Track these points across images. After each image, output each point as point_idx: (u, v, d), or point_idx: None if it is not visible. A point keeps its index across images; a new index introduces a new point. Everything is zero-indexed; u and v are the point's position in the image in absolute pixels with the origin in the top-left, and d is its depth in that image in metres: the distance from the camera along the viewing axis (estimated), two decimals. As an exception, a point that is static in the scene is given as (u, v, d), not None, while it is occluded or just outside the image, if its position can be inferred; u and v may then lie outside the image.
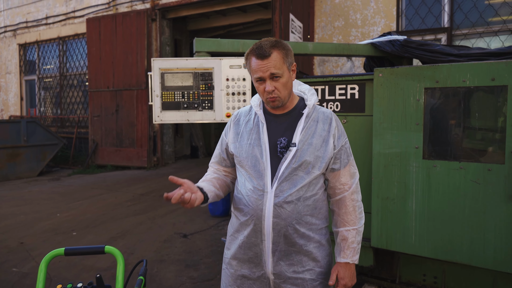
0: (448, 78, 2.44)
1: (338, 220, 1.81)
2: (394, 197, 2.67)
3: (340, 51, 3.59)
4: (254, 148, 1.74)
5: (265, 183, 1.69)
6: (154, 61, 3.27)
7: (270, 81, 1.66)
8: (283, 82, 1.67)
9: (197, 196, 1.66)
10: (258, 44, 1.68)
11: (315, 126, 1.74)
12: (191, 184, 1.68)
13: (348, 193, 1.78)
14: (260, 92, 1.72)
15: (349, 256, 1.76)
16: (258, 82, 1.70)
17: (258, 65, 1.65)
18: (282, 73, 1.67)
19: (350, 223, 1.78)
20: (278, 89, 1.67)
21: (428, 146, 2.55)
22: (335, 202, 1.82)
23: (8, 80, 13.47)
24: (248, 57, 1.72)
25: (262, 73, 1.65)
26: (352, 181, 1.79)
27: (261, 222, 1.69)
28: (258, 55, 1.65)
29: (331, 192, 1.82)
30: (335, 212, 1.82)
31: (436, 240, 2.54)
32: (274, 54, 1.65)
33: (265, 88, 1.67)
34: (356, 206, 1.79)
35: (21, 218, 5.85)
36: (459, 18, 6.43)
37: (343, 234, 1.78)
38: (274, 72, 1.64)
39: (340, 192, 1.79)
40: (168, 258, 4.24)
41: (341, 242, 1.79)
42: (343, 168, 1.77)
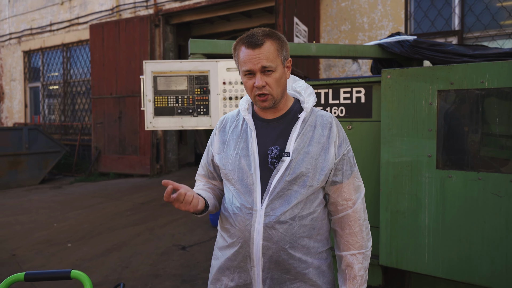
0: (464, 79, 2.20)
1: (341, 243, 1.55)
2: (404, 210, 2.43)
3: (345, 52, 3.37)
4: (241, 158, 1.49)
5: (254, 200, 1.45)
6: (146, 64, 3.07)
7: (261, 75, 1.42)
8: (276, 77, 1.43)
9: (199, 199, 1.44)
10: (249, 32, 1.44)
11: (312, 132, 1.50)
12: (189, 189, 1.43)
13: (353, 210, 1.52)
14: (248, 88, 1.46)
15: (359, 286, 1.50)
16: (246, 76, 1.45)
17: (248, 55, 1.41)
18: (276, 67, 1.42)
19: (356, 246, 1.51)
20: (269, 85, 1.42)
21: (442, 155, 2.30)
22: (337, 220, 1.56)
23: (12, 87, 13.40)
24: (237, 47, 1.47)
25: (252, 65, 1.41)
26: (357, 196, 1.54)
27: (250, 246, 1.45)
28: (248, 43, 1.41)
29: (333, 209, 1.56)
30: (338, 233, 1.56)
31: (452, 259, 2.28)
32: (267, 44, 1.41)
33: (254, 84, 1.42)
34: (362, 226, 1.53)
35: (16, 228, 5.66)
36: (470, 21, 6.19)
37: (348, 259, 1.52)
38: (266, 65, 1.40)
39: (343, 209, 1.53)
40: (164, 272, 4.01)
41: (346, 269, 1.53)
42: (346, 180, 1.52)
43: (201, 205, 1.45)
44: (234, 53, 1.50)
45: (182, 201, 1.36)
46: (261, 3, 8.36)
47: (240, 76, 1.50)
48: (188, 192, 1.39)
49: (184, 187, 1.41)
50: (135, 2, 10.09)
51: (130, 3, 10.20)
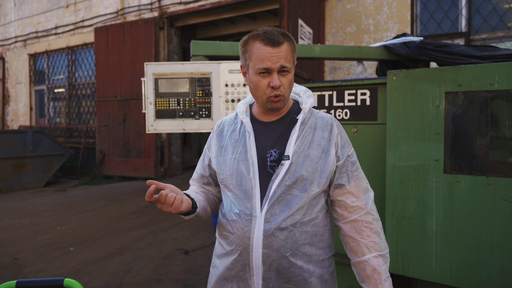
0: (473, 81, 2.13)
1: (360, 247, 1.46)
2: (411, 216, 2.36)
3: (350, 54, 3.30)
4: (239, 163, 1.44)
5: (253, 206, 1.39)
6: (147, 66, 3.02)
7: (278, 75, 1.37)
8: (289, 79, 1.40)
9: (183, 199, 1.37)
10: (263, 29, 1.38)
11: (312, 134, 1.44)
12: (175, 189, 1.39)
13: (366, 212, 1.45)
14: (261, 88, 1.39)
15: None
16: (261, 75, 1.38)
17: (267, 53, 1.35)
18: (291, 68, 1.39)
19: (376, 247, 1.44)
20: (284, 86, 1.38)
21: (450, 159, 2.23)
22: (349, 225, 1.47)
23: (18, 90, 13.45)
24: (249, 42, 1.41)
25: (271, 64, 1.35)
26: (367, 197, 1.47)
27: (249, 254, 1.38)
28: (268, 40, 1.35)
29: (341, 213, 1.48)
30: (354, 238, 1.47)
31: (460, 267, 2.21)
32: (286, 44, 1.37)
33: (269, 83, 1.36)
34: (378, 227, 1.47)
35: (19, 232, 5.63)
36: (478, 22, 6.10)
37: (372, 263, 1.43)
38: (285, 65, 1.36)
39: (354, 212, 1.46)
40: (167, 277, 3.96)
41: (373, 273, 1.43)
42: (352, 182, 1.46)
43: (185, 207, 1.39)
44: (245, 49, 1.43)
45: (163, 202, 1.32)
46: (266, 5, 8.32)
47: (250, 75, 1.43)
48: (170, 193, 1.34)
49: (169, 187, 1.37)
50: (140, 5, 10.09)
51: (135, 6, 10.20)
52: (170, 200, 1.32)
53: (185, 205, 1.39)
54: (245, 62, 1.44)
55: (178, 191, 1.40)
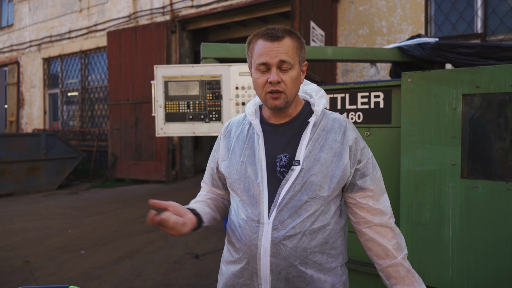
0: (492, 83, 2.06)
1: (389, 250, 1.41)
2: (426, 222, 2.28)
3: (362, 56, 3.24)
4: (247, 167, 1.38)
5: (261, 212, 1.33)
6: (157, 69, 3.00)
7: (277, 70, 1.30)
8: (292, 76, 1.31)
9: (186, 221, 1.31)
10: (269, 26, 1.33)
11: (325, 137, 1.37)
12: (178, 207, 1.34)
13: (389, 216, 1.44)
14: (259, 85, 1.34)
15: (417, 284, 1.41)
16: (260, 71, 1.33)
17: (265, 47, 1.29)
18: (294, 64, 1.31)
19: (401, 249, 1.42)
20: (285, 83, 1.31)
21: (467, 163, 2.15)
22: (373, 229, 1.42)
23: (32, 94, 13.61)
24: (252, 40, 1.36)
25: (269, 58, 1.29)
26: (385, 200, 1.45)
27: (256, 262, 1.33)
28: (267, 35, 1.30)
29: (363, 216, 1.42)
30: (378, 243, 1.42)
31: (479, 276, 2.13)
32: (288, 39, 1.30)
33: (267, 80, 1.30)
34: (398, 229, 1.47)
35: (31, 234, 5.65)
36: (494, 23, 5.98)
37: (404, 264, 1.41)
38: (285, 59, 1.29)
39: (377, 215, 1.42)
40: (176, 282, 3.92)
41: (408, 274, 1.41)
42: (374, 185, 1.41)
43: (189, 228, 1.34)
44: (248, 48, 1.39)
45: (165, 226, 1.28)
46: (277, 8, 8.28)
47: (251, 73, 1.39)
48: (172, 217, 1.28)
49: (172, 207, 1.32)
50: (152, 9, 10.13)
51: (147, 9, 10.24)
52: (170, 224, 1.28)
53: (188, 226, 1.34)
54: (249, 60, 1.39)
55: (181, 210, 1.34)
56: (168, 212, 1.30)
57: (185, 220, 1.32)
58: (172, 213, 1.31)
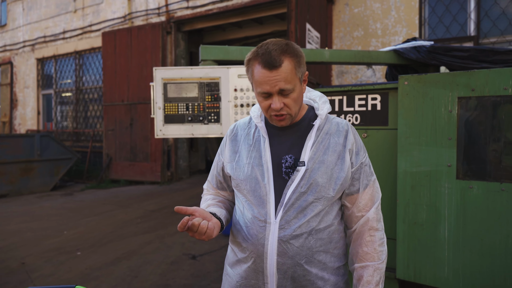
0: (486, 86, 2.11)
1: (353, 254, 1.47)
2: (423, 222, 2.33)
3: (359, 58, 3.28)
4: (254, 168, 1.42)
5: (268, 212, 1.37)
6: (156, 71, 3.02)
7: (279, 96, 1.33)
8: (294, 97, 1.35)
9: (214, 225, 1.34)
10: (264, 48, 1.33)
11: (328, 140, 1.42)
12: (203, 212, 1.35)
13: (364, 219, 1.43)
14: (263, 108, 1.38)
15: None
16: (262, 96, 1.36)
17: (265, 77, 1.31)
18: (293, 87, 1.33)
19: (366, 257, 1.42)
20: (288, 106, 1.35)
21: (462, 164, 2.20)
22: (351, 233, 1.48)
23: (26, 95, 13.54)
24: (250, 63, 1.37)
25: (270, 88, 1.32)
26: (371, 205, 1.44)
27: (263, 261, 1.37)
28: (265, 63, 1.30)
29: (349, 220, 1.47)
30: (351, 245, 1.48)
31: (474, 274, 2.18)
32: (285, 64, 1.30)
33: (270, 105, 1.34)
34: (374, 237, 1.43)
35: (27, 236, 5.64)
36: (487, 26, 6.06)
37: (358, 272, 1.43)
38: (285, 87, 1.31)
39: (357, 221, 1.45)
40: (174, 282, 3.94)
41: (357, 283, 1.44)
42: (362, 190, 1.43)
43: (217, 232, 1.36)
44: (247, 68, 1.40)
45: (195, 231, 1.28)
46: (273, 9, 8.32)
47: (254, 93, 1.41)
48: (202, 222, 1.29)
49: (198, 212, 1.33)
50: (147, 10, 10.13)
51: (142, 10, 10.24)
52: (202, 230, 1.28)
53: (217, 230, 1.36)
54: (250, 80, 1.41)
55: (206, 215, 1.35)
56: (196, 217, 1.30)
57: (213, 224, 1.34)
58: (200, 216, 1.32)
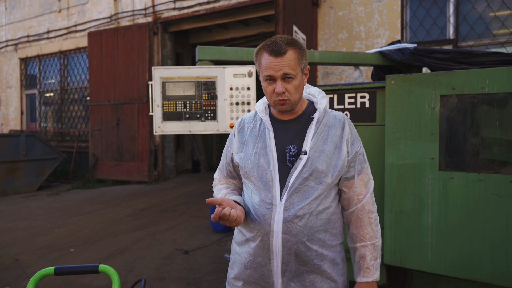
0: (466, 85, 2.31)
1: (353, 235, 1.66)
2: (408, 211, 2.52)
3: (347, 59, 3.47)
4: (260, 157, 1.59)
5: (274, 195, 1.54)
6: (155, 70, 3.15)
7: (282, 81, 1.51)
8: (295, 84, 1.52)
9: (241, 212, 1.52)
10: (272, 39, 1.53)
11: (327, 131, 1.59)
12: (230, 201, 1.52)
13: (362, 204, 1.62)
14: (268, 93, 1.56)
15: (370, 275, 1.60)
16: (267, 82, 1.54)
17: (270, 62, 1.50)
18: (296, 74, 1.51)
19: (366, 237, 1.62)
20: (289, 92, 1.52)
21: (444, 157, 2.40)
22: (349, 215, 1.66)
23: (8, 94, 13.41)
24: (259, 52, 1.56)
25: (274, 72, 1.50)
26: (367, 191, 1.64)
27: (269, 239, 1.54)
28: (271, 51, 1.49)
29: (346, 203, 1.66)
30: (350, 226, 1.67)
31: (454, 257, 2.38)
32: (290, 53, 1.50)
33: (274, 89, 1.52)
34: (372, 218, 1.63)
35: (17, 234, 5.67)
36: (465, 30, 6.34)
37: (361, 251, 1.63)
38: (288, 72, 1.49)
39: (354, 204, 1.63)
40: (169, 275, 4.06)
41: (360, 260, 1.63)
42: (357, 176, 1.62)
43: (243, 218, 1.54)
44: (256, 58, 1.58)
45: (226, 219, 1.46)
46: (259, 11, 8.49)
47: (261, 80, 1.58)
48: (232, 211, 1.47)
49: (225, 202, 1.49)
50: (134, 10, 10.18)
51: (128, 11, 10.29)
52: (233, 218, 1.47)
53: (244, 217, 1.55)
54: (258, 69, 1.59)
55: (233, 204, 1.52)
56: (226, 207, 1.47)
57: (240, 212, 1.52)
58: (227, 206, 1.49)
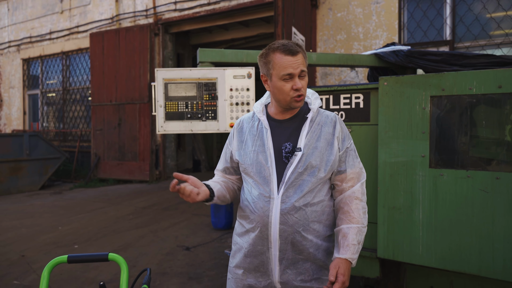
0: (454, 86, 2.43)
1: (340, 219, 1.73)
2: (400, 206, 2.64)
3: (344, 61, 3.59)
4: (258, 154, 1.72)
5: (271, 189, 1.67)
6: (157, 71, 3.27)
7: (299, 79, 1.65)
8: (307, 81, 1.68)
9: (200, 191, 1.64)
10: (280, 42, 1.66)
11: (320, 129, 1.72)
12: (196, 181, 1.67)
13: (352, 190, 1.73)
14: (285, 91, 1.66)
15: (349, 253, 1.64)
16: (284, 80, 1.65)
17: (288, 61, 1.62)
18: (306, 72, 1.68)
19: (353, 221, 1.70)
20: (304, 88, 1.66)
21: (434, 155, 2.52)
22: (339, 201, 1.76)
23: (11, 95, 13.54)
24: (269, 54, 1.67)
25: (293, 69, 1.63)
26: (357, 181, 1.75)
27: (268, 229, 1.66)
28: (287, 51, 1.63)
29: (338, 194, 1.77)
30: (339, 212, 1.75)
31: (444, 250, 2.49)
32: (300, 54, 1.65)
33: (292, 86, 1.64)
34: (359, 205, 1.73)
35: (22, 231, 5.80)
36: (461, 31, 6.46)
37: (344, 231, 1.69)
38: (304, 69, 1.64)
39: (345, 191, 1.75)
40: (171, 270, 4.19)
41: (342, 239, 1.68)
42: (349, 170, 1.74)
43: (202, 197, 1.66)
44: (266, 60, 1.69)
45: (183, 193, 1.60)
46: (259, 13, 8.61)
47: (273, 81, 1.68)
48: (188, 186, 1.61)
49: (190, 180, 1.65)
50: (135, 12, 10.31)
51: (130, 12, 10.41)
52: (186, 192, 1.60)
53: (202, 196, 1.66)
54: (268, 71, 1.70)
55: (197, 183, 1.67)
56: (187, 183, 1.63)
57: (200, 191, 1.65)
58: (190, 184, 1.64)
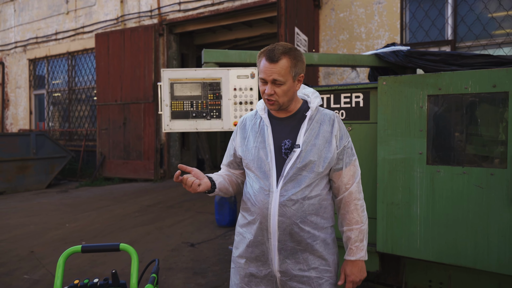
0: (451, 85, 2.51)
1: (341, 220, 1.89)
2: (399, 202, 2.72)
3: (345, 61, 3.68)
4: (259, 150, 1.82)
5: (271, 183, 1.76)
6: (163, 72, 3.37)
7: (271, 85, 1.73)
8: (283, 89, 1.73)
9: (201, 182, 1.75)
10: (272, 46, 1.75)
11: (319, 127, 1.81)
12: (198, 172, 1.78)
13: (348, 192, 1.83)
14: (261, 92, 1.80)
15: (354, 254, 1.83)
16: (261, 82, 1.77)
17: (264, 67, 1.73)
18: (285, 81, 1.72)
19: (352, 222, 1.84)
20: (277, 94, 1.74)
21: (431, 152, 2.61)
22: (338, 202, 1.88)
23: (17, 95, 13.70)
24: (260, 55, 1.78)
25: (266, 76, 1.72)
26: (354, 180, 1.84)
27: (267, 221, 1.76)
28: (267, 57, 1.72)
29: (335, 192, 1.88)
30: (339, 212, 1.89)
31: (441, 244, 2.58)
32: (283, 61, 1.70)
33: (264, 90, 1.75)
34: (357, 205, 1.84)
35: (30, 228, 5.92)
36: (463, 31, 6.52)
37: (346, 234, 1.86)
38: (277, 78, 1.71)
39: (342, 192, 1.85)
40: (176, 266, 4.29)
41: (347, 241, 1.86)
42: (345, 168, 1.83)
43: (203, 188, 1.76)
44: (258, 60, 1.81)
45: (185, 184, 1.70)
46: (262, 13, 8.71)
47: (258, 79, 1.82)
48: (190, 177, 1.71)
49: (194, 172, 1.77)
50: (140, 12, 10.42)
51: (134, 13, 10.53)
52: (189, 182, 1.71)
53: (203, 187, 1.76)
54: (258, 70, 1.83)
55: (200, 175, 1.78)
56: (189, 174, 1.74)
57: (201, 182, 1.75)
58: (193, 176, 1.75)
